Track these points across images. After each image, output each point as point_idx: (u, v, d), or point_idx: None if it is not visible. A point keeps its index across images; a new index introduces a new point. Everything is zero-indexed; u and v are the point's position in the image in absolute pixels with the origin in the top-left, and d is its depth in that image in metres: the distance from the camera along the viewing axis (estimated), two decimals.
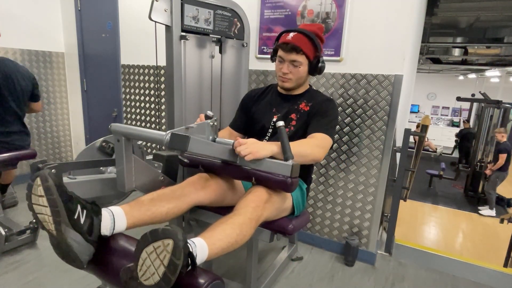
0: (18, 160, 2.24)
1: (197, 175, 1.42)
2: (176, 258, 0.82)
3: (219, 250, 1.04)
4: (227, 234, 1.08)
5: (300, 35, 1.47)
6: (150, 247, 0.84)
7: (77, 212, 0.97)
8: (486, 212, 5.34)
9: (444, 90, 11.53)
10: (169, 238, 0.82)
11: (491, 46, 5.68)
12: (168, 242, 0.82)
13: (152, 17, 1.56)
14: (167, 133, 1.09)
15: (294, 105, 1.59)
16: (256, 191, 1.28)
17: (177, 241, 0.82)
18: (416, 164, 2.88)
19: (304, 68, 1.52)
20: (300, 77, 1.54)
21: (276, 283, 1.93)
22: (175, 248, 0.82)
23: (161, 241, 0.83)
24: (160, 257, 0.83)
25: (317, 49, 1.49)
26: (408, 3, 1.87)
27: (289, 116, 1.58)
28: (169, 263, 0.82)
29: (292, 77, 1.53)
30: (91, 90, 3.42)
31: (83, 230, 0.98)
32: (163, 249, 0.83)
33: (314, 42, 1.47)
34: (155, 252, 0.83)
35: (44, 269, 1.95)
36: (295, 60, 1.48)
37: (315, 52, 1.49)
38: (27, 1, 3.06)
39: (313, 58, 1.50)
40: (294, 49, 1.46)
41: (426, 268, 2.20)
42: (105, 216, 1.05)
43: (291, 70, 1.51)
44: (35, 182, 0.94)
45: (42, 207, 0.94)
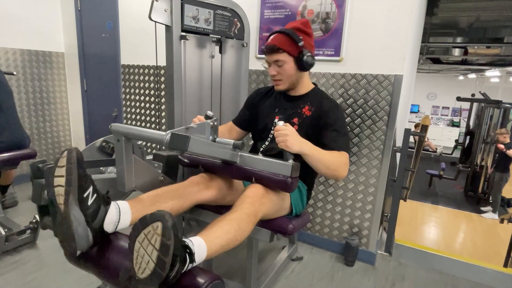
0: (18, 160, 2.23)
1: (200, 175, 1.44)
2: (166, 238, 0.82)
3: (218, 248, 1.04)
4: (225, 230, 1.09)
5: (279, 34, 1.46)
6: (141, 235, 0.85)
7: (87, 191, 1.01)
8: (489, 215, 5.33)
9: (444, 90, 11.53)
10: (157, 221, 0.83)
11: (491, 46, 5.68)
12: (157, 225, 0.83)
13: (152, 17, 1.56)
14: (167, 133, 1.09)
15: (297, 108, 1.57)
16: (252, 188, 1.30)
17: (164, 222, 0.83)
18: (416, 164, 2.89)
19: (290, 65, 1.48)
20: (289, 75, 1.51)
21: (276, 283, 1.93)
22: (164, 229, 0.82)
23: (150, 226, 0.84)
24: (152, 242, 0.83)
25: (298, 44, 1.44)
26: (408, 3, 1.87)
27: (291, 120, 1.55)
28: (161, 245, 0.82)
29: (281, 78, 1.52)
30: (91, 90, 3.42)
31: (88, 211, 1.00)
32: (153, 233, 0.83)
33: (293, 38, 1.43)
34: (147, 239, 0.84)
35: (44, 269, 1.95)
36: (277, 60, 1.47)
37: (296, 48, 1.45)
38: (27, 1, 3.06)
39: (297, 54, 1.46)
40: (273, 49, 1.46)
41: (426, 268, 2.20)
42: (112, 211, 1.07)
43: (278, 71, 1.50)
44: (62, 154, 1.00)
45: (60, 177, 0.99)
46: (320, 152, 1.37)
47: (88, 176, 1.03)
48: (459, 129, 10.98)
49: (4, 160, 2.11)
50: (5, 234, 2.04)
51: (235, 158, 1.33)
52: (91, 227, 1.01)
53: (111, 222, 1.06)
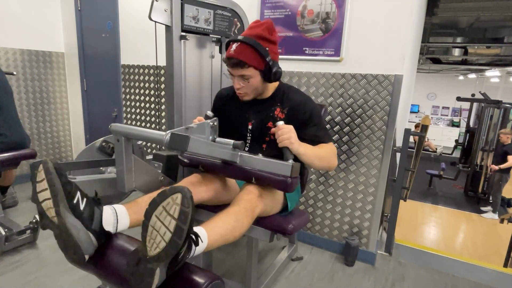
0: (18, 160, 2.23)
1: (193, 175, 1.45)
2: (185, 207, 0.84)
3: (218, 237, 1.06)
4: (224, 221, 1.12)
5: (242, 45, 1.32)
6: (160, 208, 0.86)
7: (76, 197, 0.99)
8: (489, 215, 5.33)
9: (444, 90, 11.53)
10: (177, 192, 0.85)
11: (491, 46, 5.68)
12: (176, 196, 0.85)
13: (152, 17, 1.56)
14: (167, 133, 1.09)
15: (269, 111, 1.49)
16: (249, 188, 1.32)
17: (184, 193, 0.84)
18: (416, 164, 2.89)
19: (256, 79, 1.39)
20: (255, 88, 1.42)
21: (276, 283, 1.93)
22: (183, 198, 0.84)
23: (170, 198, 0.85)
24: (171, 212, 0.84)
25: (264, 57, 1.33)
26: (408, 3, 1.87)
27: (266, 125, 1.49)
28: (180, 213, 0.83)
29: (246, 91, 1.43)
30: (91, 90, 3.42)
31: (83, 216, 0.99)
32: (172, 204, 0.84)
33: (258, 50, 1.32)
34: (165, 211, 0.85)
35: (44, 269, 1.95)
36: (243, 74, 1.37)
37: (263, 60, 1.34)
38: (27, 1, 3.06)
39: (263, 67, 1.36)
40: (238, 64, 1.34)
41: (426, 268, 2.20)
42: (107, 211, 1.07)
43: (243, 84, 1.41)
44: (38, 169, 0.98)
45: (44, 191, 0.96)
46: (313, 149, 1.41)
47: (72, 183, 1.01)
48: (459, 129, 10.98)
49: (4, 160, 2.12)
50: (5, 234, 2.04)
51: (235, 158, 1.33)
52: (92, 231, 1.01)
53: (109, 222, 1.06)
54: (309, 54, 2.18)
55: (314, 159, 1.40)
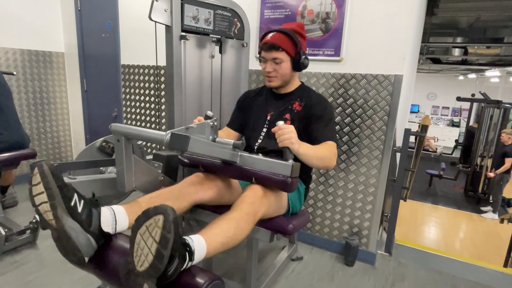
0: (18, 160, 2.23)
1: (194, 175, 1.44)
2: (166, 231, 0.82)
3: (218, 245, 1.05)
4: (224, 228, 1.09)
5: (279, 33, 1.50)
6: (143, 227, 0.85)
7: (73, 200, 0.98)
8: (489, 215, 5.32)
9: (444, 90, 11.52)
10: (160, 214, 0.84)
11: (491, 46, 5.67)
12: (158, 218, 0.83)
13: (152, 17, 1.56)
14: (167, 133, 1.09)
15: (288, 104, 1.62)
16: (252, 189, 1.30)
17: (166, 215, 0.83)
18: (416, 164, 2.89)
19: (286, 65, 1.53)
20: (284, 74, 1.56)
21: (276, 283, 1.93)
22: (164, 221, 0.82)
23: (152, 218, 0.84)
24: (152, 234, 0.83)
25: (297, 45, 1.51)
26: (408, 3, 1.87)
27: (283, 116, 1.61)
28: (161, 237, 0.82)
29: (276, 75, 1.56)
30: (91, 90, 3.42)
31: (81, 219, 0.98)
32: (154, 225, 0.84)
33: (293, 39, 1.49)
34: (148, 231, 0.84)
35: (44, 269, 1.95)
36: (276, 57, 1.51)
37: (295, 48, 1.51)
38: (27, 1, 3.06)
39: (294, 54, 1.52)
40: (273, 47, 1.49)
41: (426, 268, 2.20)
42: (106, 212, 1.06)
43: (274, 68, 1.54)
44: (33, 172, 0.97)
45: (40, 195, 0.96)
46: (312, 149, 1.41)
47: (69, 185, 1.00)
48: (459, 129, 10.98)
49: (4, 160, 2.12)
50: (5, 234, 2.04)
51: (235, 158, 1.33)
52: (91, 233, 1.00)
53: (107, 223, 1.05)
54: (309, 54, 2.16)
55: (313, 159, 1.40)
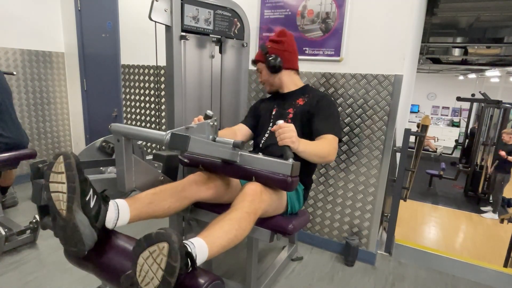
0: (18, 160, 2.23)
1: (197, 173, 1.45)
2: (173, 260, 0.81)
3: (220, 248, 1.04)
4: (225, 230, 1.09)
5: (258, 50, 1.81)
6: (146, 252, 0.84)
7: (89, 195, 1.01)
8: (489, 215, 5.32)
9: (444, 90, 11.52)
10: (164, 241, 0.82)
11: (491, 46, 5.67)
12: (163, 246, 0.82)
13: (152, 17, 1.56)
14: (167, 133, 1.09)
15: (291, 100, 1.73)
16: (251, 186, 1.31)
17: (172, 244, 0.81)
18: (416, 164, 2.89)
19: (264, 71, 1.75)
20: (267, 79, 1.77)
21: (276, 283, 1.93)
22: (170, 250, 0.81)
23: (156, 245, 0.83)
24: (157, 261, 0.82)
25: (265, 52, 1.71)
26: (408, 3, 1.87)
27: (287, 110, 1.71)
28: (167, 266, 0.81)
29: (262, 81, 1.81)
30: (91, 90, 3.42)
31: (91, 214, 1.01)
32: (158, 253, 0.82)
33: (261, 49, 1.74)
34: (151, 257, 0.83)
35: (44, 269, 1.95)
36: (257, 68, 1.80)
37: (264, 56, 1.72)
38: (27, 1, 3.06)
39: (265, 60, 1.71)
40: (254, 62, 1.81)
41: (426, 268, 2.20)
42: (111, 210, 1.08)
43: (260, 77, 1.81)
44: (57, 160, 0.98)
45: (59, 184, 0.97)
46: (312, 146, 1.43)
47: (88, 180, 1.02)
48: (459, 129, 10.98)
49: (4, 160, 2.12)
50: (5, 234, 2.04)
51: (235, 157, 1.33)
52: (96, 228, 1.03)
53: (110, 219, 1.07)
54: (309, 54, 2.18)
55: (312, 156, 1.42)
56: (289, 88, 1.77)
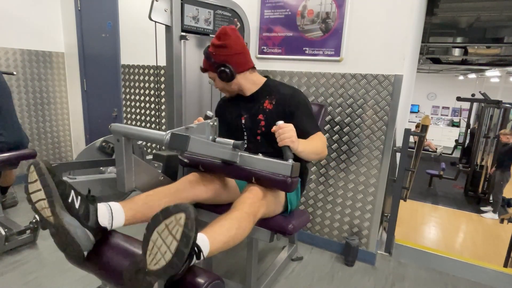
0: (18, 160, 2.23)
1: (191, 174, 1.45)
2: (188, 229, 0.82)
3: (220, 244, 1.06)
4: (226, 228, 1.11)
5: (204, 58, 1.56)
6: (162, 225, 0.85)
7: (70, 196, 1.00)
8: (489, 215, 5.32)
9: (444, 90, 11.52)
10: (181, 212, 0.83)
11: (491, 46, 5.67)
12: (180, 216, 0.83)
13: (152, 17, 1.56)
14: (167, 133, 1.09)
15: (258, 104, 1.58)
16: (252, 190, 1.31)
17: (188, 213, 0.83)
18: (416, 164, 2.89)
19: (217, 80, 1.58)
20: (222, 87, 1.61)
21: (276, 283, 1.93)
22: (187, 219, 0.82)
23: (173, 216, 0.84)
24: (173, 233, 0.83)
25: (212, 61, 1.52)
26: (408, 3, 1.87)
27: (257, 117, 1.57)
28: (182, 235, 0.82)
29: (221, 90, 1.64)
30: (91, 90, 3.42)
31: (79, 214, 1.00)
32: (175, 223, 0.83)
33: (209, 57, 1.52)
34: (167, 229, 0.84)
35: (44, 269, 1.95)
36: (210, 77, 1.61)
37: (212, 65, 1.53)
38: (27, 1, 3.06)
39: (214, 69, 1.54)
40: (202, 70, 1.62)
41: (426, 268, 2.20)
42: (102, 208, 1.07)
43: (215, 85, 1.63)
44: (29, 170, 0.98)
45: (37, 192, 0.97)
46: (309, 145, 1.43)
47: (65, 182, 1.01)
48: (459, 129, 10.98)
49: (4, 160, 2.12)
50: (5, 234, 2.04)
51: (235, 158, 1.33)
52: (89, 227, 1.02)
53: (104, 218, 1.06)
54: (309, 54, 2.18)
55: (311, 155, 1.43)
56: (250, 89, 1.60)
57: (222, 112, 1.70)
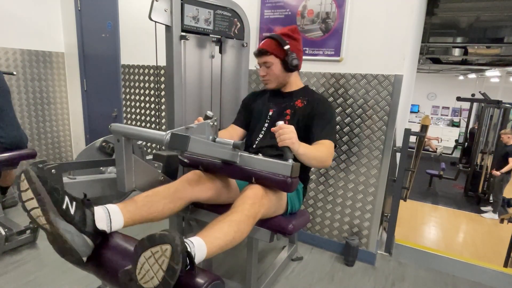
0: (18, 160, 2.23)
1: (191, 172, 1.44)
2: (174, 263, 0.82)
3: (218, 248, 1.05)
4: (224, 232, 1.09)
5: (268, 39, 1.62)
6: (148, 252, 0.84)
7: (65, 202, 0.98)
8: (489, 215, 5.32)
9: (444, 90, 11.52)
10: (167, 243, 0.82)
11: (491, 46, 5.67)
12: (166, 248, 0.82)
13: (152, 17, 1.56)
14: (167, 133, 1.09)
15: (290, 101, 1.67)
16: (252, 189, 1.30)
17: (175, 246, 0.82)
18: (416, 164, 2.89)
19: (277, 67, 1.62)
20: (277, 76, 1.64)
21: (276, 283, 1.93)
22: (173, 253, 0.82)
23: (159, 246, 0.83)
24: (159, 262, 0.83)
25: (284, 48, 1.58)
26: (408, 3, 1.87)
27: (285, 111, 1.66)
28: (168, 267, 0.82)
29: (269, 78, 1.66)
30: (91, 90, 3.42)
31: (75, 220, 0.98)
32: (161, 254, 0.83)
33: (280, 41, 1.58)
34: (153, 257, 0.84)
35: (44, 269, 1.95)
36: (266, 61, 1.63)
37: (282, 51, 1.59)
38: (27, 1, 3.06)
39: (283, 56, 1.59)
40: (262, 52, 1.62)
41: (426, 268, 2.20)
42: (99, 211, 1.06)
43: (267, 71, 1.65)
44: (20, 178, 0.96)
45: (30, 200, 0.95)
46: (311, 149, 1.43)
47: (59, 188, 0.99)
48: (459, 129, 10.97)
49: (4, 160, 2.12)
50: (5, 234, 2.04)
51: (235, 158, 1.33)
52: (86, 233, 1.00)
53: (102, 221, 1.05)
54: (309, 54, 2.18)
55: (311, 160, 1.42)
56: (291, 88, 1.71)
57: (250, 102, 1.81)
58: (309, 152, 1.39)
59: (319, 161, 1.46)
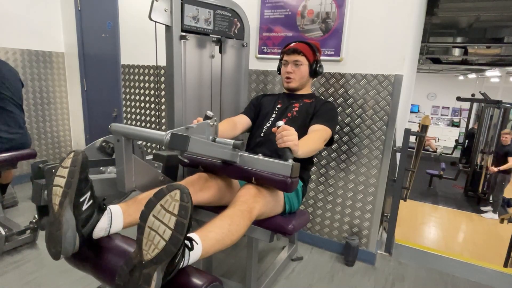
0: (18, 160, 2.23)
1: (196, 175, 1.44)
2: (185, 202, 0.84)
3: (214, 241, 1.05)
4: (217, 225, 1.11)
5: (301, 43, 1.74)
6: (157, 207, 0.86)
7: (84, 196, 1.02)
8: (489, 215, 5.32)
9: (444, 90, 11.52)
10: (176, 189, 0.85)
11: (491, 46, 5.67)
12: (175, 192, 0.85)
13: (152, 17, 1.56)
14: (167, 133, 1.09)
15: (299, 100, 1.78)
16: (245, 188, 1.32)
17: (183, 189, 0.85)
18: (416, 164, 2.89)
19: (305, 68, 1.73)
20: (302, 76, 1.74)
21: (276, 283, 1.93)
22: (182, 194, 0.85)
23: (168, 195, 0.85)
24: (170, 209, 0.84)
25: (315, 54, 1.74)
26: (408, 3, 1.87)
27: (293, 105, 1.76)
28: (180, 208, 0.84)
29: (295, 77, 1.74)
30: (91, 90, 3.42)
31: (80, 217, 1.00)
32: (171, 201, 0.85)
33: (312, 48, 1.73)
34: (163, 209, 0.85)
35: (44, 269, 1.95)
36: (297, 60, 1.71)
37: (314, 56, 1.73)
38: (27, 1, 3.06)
39: (312, 61, 1.73)
40: (296, 51, 1.71)
41: (426, 268, 2.20)
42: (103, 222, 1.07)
43: (294, 70, 1.73)
44: (68, 155, 1.02)
45: (61, 178, 1.00)
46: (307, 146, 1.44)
47: (89, 181, 1.03)
48: (459, 129, 10.98)
49: (4, 160, 2.12)
50: (5, 234, 2.04)
51: (235, 158, 1.33)
52: (80, 233, 1.01)
53: (101, 229, 1.07)
54: None
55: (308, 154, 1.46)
56: (304, 91, 1.82)
57: (260, 97, 1.92)
58: (305, 150, 1.40)
59: (313, 150, 1.51)
